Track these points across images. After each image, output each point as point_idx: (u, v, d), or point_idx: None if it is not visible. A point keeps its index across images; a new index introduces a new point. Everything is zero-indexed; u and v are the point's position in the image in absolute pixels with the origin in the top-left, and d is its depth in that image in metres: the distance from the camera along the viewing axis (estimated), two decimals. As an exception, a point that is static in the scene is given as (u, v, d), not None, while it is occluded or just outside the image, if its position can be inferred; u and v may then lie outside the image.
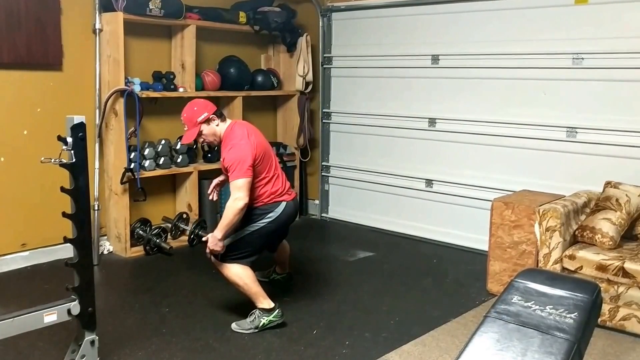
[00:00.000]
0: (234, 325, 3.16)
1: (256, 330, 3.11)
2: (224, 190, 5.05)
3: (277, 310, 3.15)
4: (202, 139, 3.20)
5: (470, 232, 4.63)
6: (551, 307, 1.81)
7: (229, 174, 3.05)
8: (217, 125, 3.14)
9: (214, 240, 3.03)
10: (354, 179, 5.44)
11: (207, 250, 3.08)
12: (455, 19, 4.64)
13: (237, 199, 2.98)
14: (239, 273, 3.09)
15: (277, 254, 3.68)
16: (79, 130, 2.38)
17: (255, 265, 3.23)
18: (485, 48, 4.48)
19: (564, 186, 4.00)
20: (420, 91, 4.90)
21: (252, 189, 3.09)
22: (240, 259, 3.11)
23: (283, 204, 3.21)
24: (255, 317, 3.13)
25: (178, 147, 4.62)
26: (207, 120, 3.11)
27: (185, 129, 3.18)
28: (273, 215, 3.18)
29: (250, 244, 3.14)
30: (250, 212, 3.12)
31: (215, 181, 3.54)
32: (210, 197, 3.52)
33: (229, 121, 3.20)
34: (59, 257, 4.11)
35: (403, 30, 4.96)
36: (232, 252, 3.11)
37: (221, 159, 3.17)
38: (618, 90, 3.91)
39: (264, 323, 3.11)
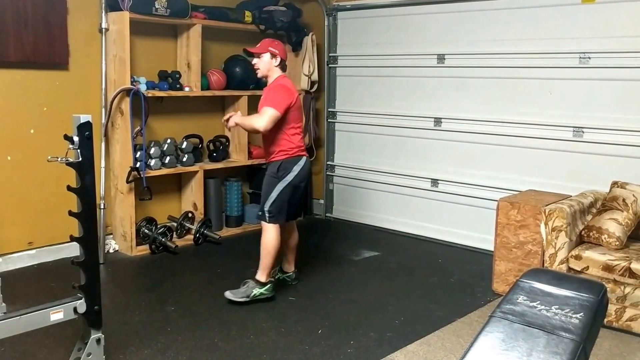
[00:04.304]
0: (227, 293, 3.40)
1: (247, 299, 3.37)
2: (228, 189, 5.08)
3: (269, 285, 3.44)
4: (258, 60, 3.50)
5: (475, 232, 4.62)
6: (557, 307, 1.81)
7: (264, 103, 3.37)
8: (275, 66, 3.50)
9: (235, 118, 3.45)
10: (359, 178, 5.43)
11: (226, 119, 3.51)
12: (461, 18, 4.63)
13: (258, 121, 3.30)
14: (276, 243, 3.45)
15: (286, 234, 3.74)
16: (85, 129, 2.38)
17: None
18: (492, 47, 4.46)
19: (570, 186, 3.99)
20: (426, 91, 4.89)
21: (285, 136, 3.43)
22: (279, 215, 3.46)
23: (304, 159, 3.53)
24: (248, 287, 3.40)
25: (184, 146, 4.63)
26: (273, 55, 3.48)
27: (257, 45, 3.55)
28: (297, 168, 3.47)
29: (283, 199, 3.46)
30: (279, 167, 3.46)
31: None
32: (225, 121, 3.63)
33: (282, 74, 3.54)
34: (65, 256, 4.13)
35: (409, 30, 4.95)
36: (276, 209, 3.44)
37: (262, 97, 3.48)
38: (625, 89, 3.89)
39: (255, 294, 3.39)
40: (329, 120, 5.59)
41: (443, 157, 4.84)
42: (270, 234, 3.46)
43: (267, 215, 3.46)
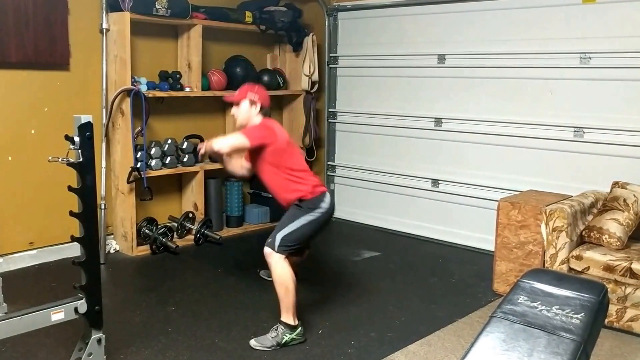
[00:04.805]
0: (253, 342, 2.96)
1: (277, 348, 2.94)
2: (229, 189, 5.08)
3: (300, 329, 3.02)
4: (236, 109, 3.26)
5: (476, 232, 4.62)
6: (557, 307, 1.80)
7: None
8: (256, 115, 3.23)
9: (210, 145, 3.07)
10: (359, 178, 5.43)
11: (201, 148, 3.15)
12: (462, 18, 4.63)
13: (219, 141, 3.00)
14: (290, 276, 2.98)
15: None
16: (86, 129, 2.39)
17: (263, 263, 3.20)
18: (492, 47, 4.46)
19: (571, 186, 3.99)
20: (426, 91, 4.90)
21: (295, 179, 3.12)
22: (292, 248, 3.05)
23: (327, 195, 3.20)
24: (278, 333, 2.97)
25: (184, 146, 4.64)
26: (253, 102, 3.22)
27: (235, 93, 3.32)
28: (324, 205, 3.14)
29: (303, 235, 3.10)
30: (302, 204, 3.11)
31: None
32: (199, 150, 3.29)
33: (265, 119, 3.28)
34: (66, 256, 4.13)
35: (409, 30, 4.96)
36: (290, 242, 3.03)
37: None
38: (626, 89, 3.89)
39: (286, 340, 2.96)
40: (329, 120, 5.59)
41: (443, 157, 4.84)
42: (281, 268, 2.97)
43: (276, 243, 2.99)
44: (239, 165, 3.42)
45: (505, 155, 4.48)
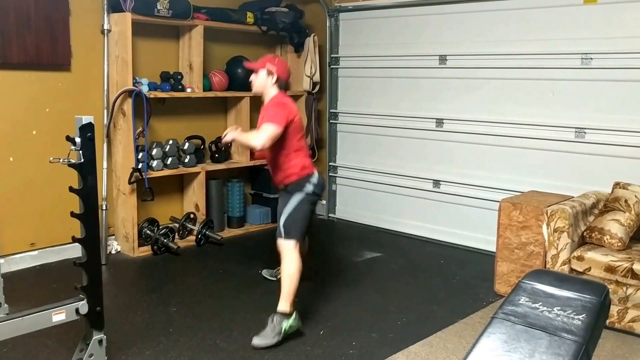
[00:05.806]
0: (256, 342, 2.97)
1: (280, 338, 2.98)
2: (230, 190, 5.09)
3: (294, 313, 3.07)
4: (254, 77, 3.34)
5: (477, 233, 4.62)
6: (559, 308, 1.80)
7: (263, 121, 3.13)
8: (272, 85, 3.30)
9: (232, 133, 3.15)
10: (361, 179, 5.43)
11: (227, 134, 3.20)
12: (463, 19, 4.63)
13: (256, 138, 3.07)
14: (298, 266, 3.11)
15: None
16: (87, 130, 2.39)
17: (265, 263, 3.22)
18: (493, 48, 4.46)
19: (572, 187, 3.99)
20: (427, 91, 4.89)
21: (292, 158, 3.23)
22: (295, 231, 3.16)
23: (316, 174, 3.31)
24: (275, 324, 3.00)
25: (186, 147, 4.64)
26: (270, 73, 3.28)
27: (257, 62, 3.38)
28: (310, 185, 3.25)
29: (304, 215, 3.21)
30: (289, 186, 3.25)
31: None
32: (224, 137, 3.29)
33: (280, 92, 3.35)
34: (67, 257, 4.14)
35: (410, 31, 4.95)
36: (292, 225, 3.16)
37: (260, 115, 3.26)
38: (627, 90, 3.88)
39: (285, 328, 3.00)
40: (330, 121, 5.59)
41: (445, 158, 4.84)
42: (289, 256, 3.11)
43: (282, 230, 3.16)
44: None
45: (506, 156, 4.47)
